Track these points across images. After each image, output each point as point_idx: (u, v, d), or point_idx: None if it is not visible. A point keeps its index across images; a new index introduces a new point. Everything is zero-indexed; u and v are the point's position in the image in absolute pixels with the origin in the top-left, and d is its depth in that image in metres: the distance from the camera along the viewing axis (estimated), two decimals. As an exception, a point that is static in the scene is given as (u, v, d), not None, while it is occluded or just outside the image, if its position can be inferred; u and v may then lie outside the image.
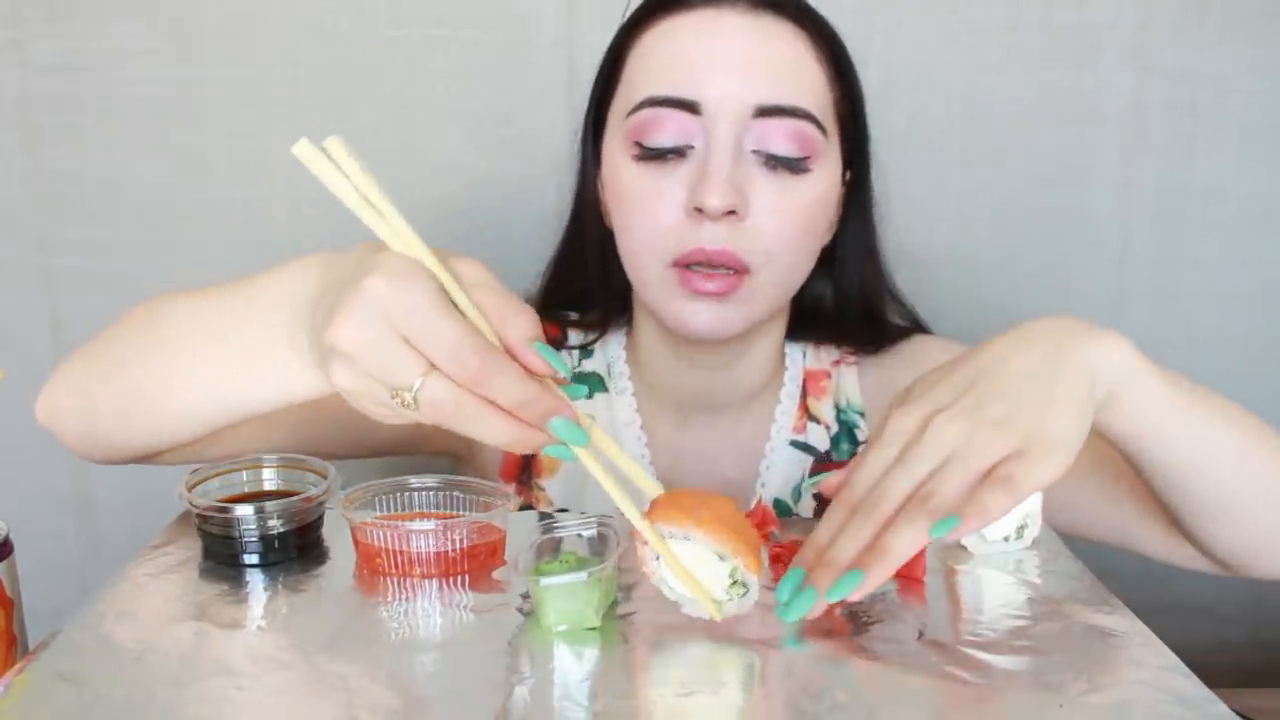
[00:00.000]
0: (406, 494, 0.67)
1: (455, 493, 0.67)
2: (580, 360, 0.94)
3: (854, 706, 0.48)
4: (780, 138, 0.77)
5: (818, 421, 0.91)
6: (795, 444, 0.90)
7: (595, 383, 0.93)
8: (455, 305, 0.50)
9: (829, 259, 0.88)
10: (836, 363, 0.94)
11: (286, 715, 0.48)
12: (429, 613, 0.58)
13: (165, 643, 0.54)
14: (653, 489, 0.55)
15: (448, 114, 1.15)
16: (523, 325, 0.50)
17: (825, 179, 0.81)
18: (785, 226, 0.79)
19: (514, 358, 0.50)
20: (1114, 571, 0.71)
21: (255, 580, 0.61)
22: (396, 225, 0.51)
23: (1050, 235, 1.17)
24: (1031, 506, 0.65)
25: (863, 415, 0.92)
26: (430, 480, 0.67)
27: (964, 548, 0.65)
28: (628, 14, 0.84)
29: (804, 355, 0.94)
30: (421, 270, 0.50)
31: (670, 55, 0.79)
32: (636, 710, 0.48)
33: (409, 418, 0.51)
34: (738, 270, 0.78)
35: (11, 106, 1.14)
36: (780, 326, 0.90)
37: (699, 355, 0.87)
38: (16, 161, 1.15)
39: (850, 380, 0.93)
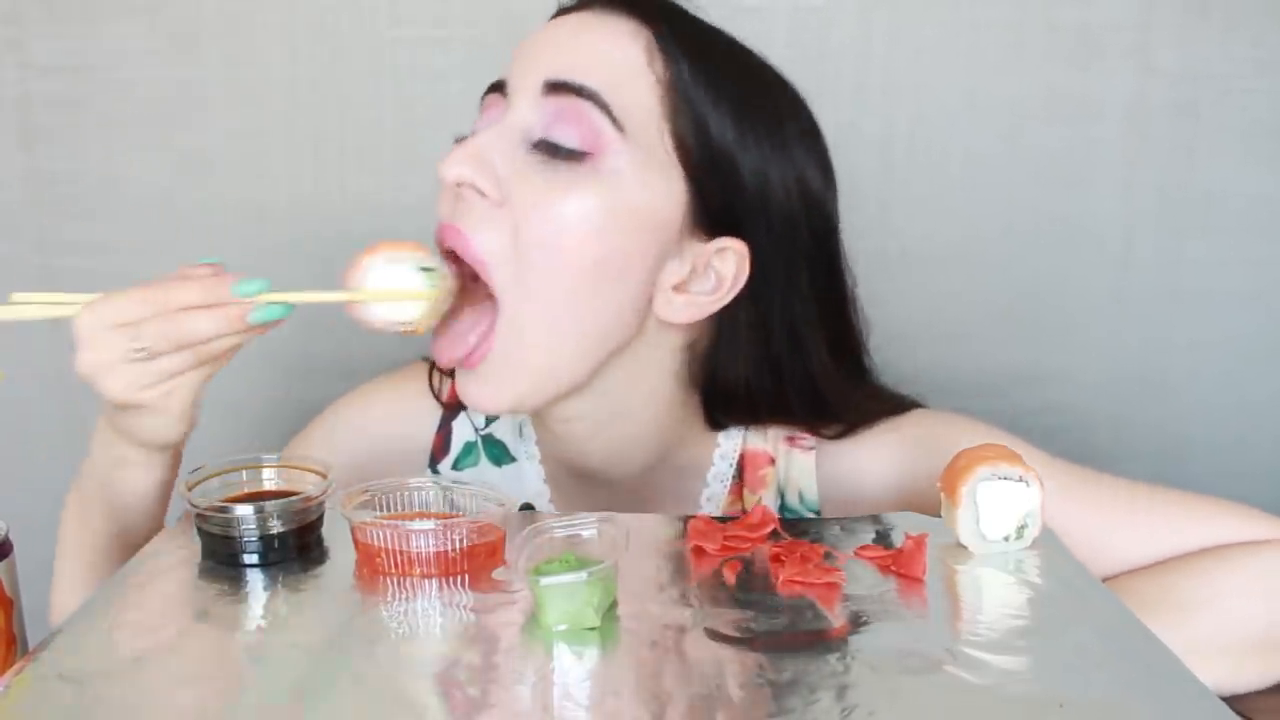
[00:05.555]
0: (406, 494, 0.66)
1: (455, 493, 0.67)
2: (488, 423, 0.88)
3: (854, 706, 0.48)
4: (558, 120, 0.69)
5: None
6: None
7: (499, 452, 0.87)
8: None
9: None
10: (790, 440, 0.81)
11: (286, 715, 0.48)
12: (429, 613, 0.58)
13: (165, 643, 0.54)
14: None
15: (448, 114, 1.15)
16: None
17: (622, 189, 0.70)
18: (546, 225, 0.69)
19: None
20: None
21: (255, 580, 0.61)
22: (80, 298, 0.66)
23: (1052, 235, 1.17)
24: (1031, 506, 0.65)
25: (818, 513, 0.81)
26: (430, 480, 0.67)
27: (964, 547, 0.65)
28: None
29: (744, 433, 0.82)
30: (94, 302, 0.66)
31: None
32: (636, 710, 0.48)
33: (160, 369, 0.65)
34: (474, 276, 0.70)
35: (11, 106, 1.15)
36: (662, 397, 0.78)
37: (548, 421, 0.79)
38: (16, 161, 1.16)
39: (804, 467, 0.81)
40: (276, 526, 0.63)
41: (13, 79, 1.14)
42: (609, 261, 0.70)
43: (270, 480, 0.68)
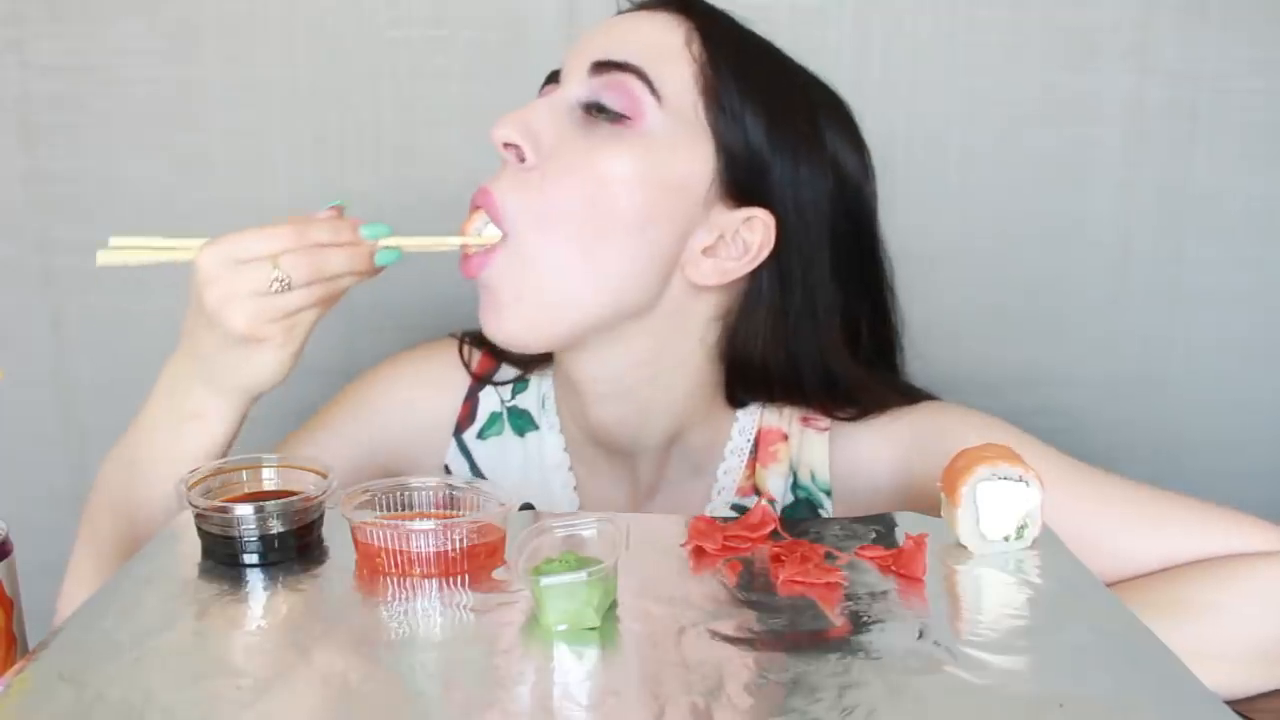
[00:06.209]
0: (406, 494, 0.66)
1: (455, 493, 0.67)
2: (514, 394, 0.90)
3: (854, 706, 0.48)
4: (603, 90, 0.75)
5: (759, 494, 0.83)
6: (737, 509, 0.83)
7: (523, 422, 0.89)
8: None
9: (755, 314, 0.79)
10: (804, 420, 0.84)
11: (286, 715, 0.48)
12: (429, 613, 0.58)
13: (165, 643, 0.54)
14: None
15: (448, 114, 1.15)
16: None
17: (656, 151, 0.74)
18: (579, 179, 0.73)
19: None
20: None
21: (255, 580, 0.61)
22: (190, 242, 0.72)
23: (1050, 235, 1.17)
24: (1031, 506, 0.65)
25: (829, 494, 0.83)
26: (430, 480, 0.67)
27: (964, 547, 0.65)
28: None
29: (761, 410, 0.85)
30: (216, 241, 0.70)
31: None
32: (636, 710, 0.48)
33: (290, 303, 0.68)
34: (493, 219, 0.75)
35: (11, 106, 1.14)
36: (692, 366, 0.81)
37: (576, 379, 0.81)
38: (16, 161, 1.16)
39: (817, 447, 0.83)
40: (276, 526, 0.63)
41: (13, 79, 1.14)
42: (634, 216, 0.74)
43: (270, 480, 0.68)
